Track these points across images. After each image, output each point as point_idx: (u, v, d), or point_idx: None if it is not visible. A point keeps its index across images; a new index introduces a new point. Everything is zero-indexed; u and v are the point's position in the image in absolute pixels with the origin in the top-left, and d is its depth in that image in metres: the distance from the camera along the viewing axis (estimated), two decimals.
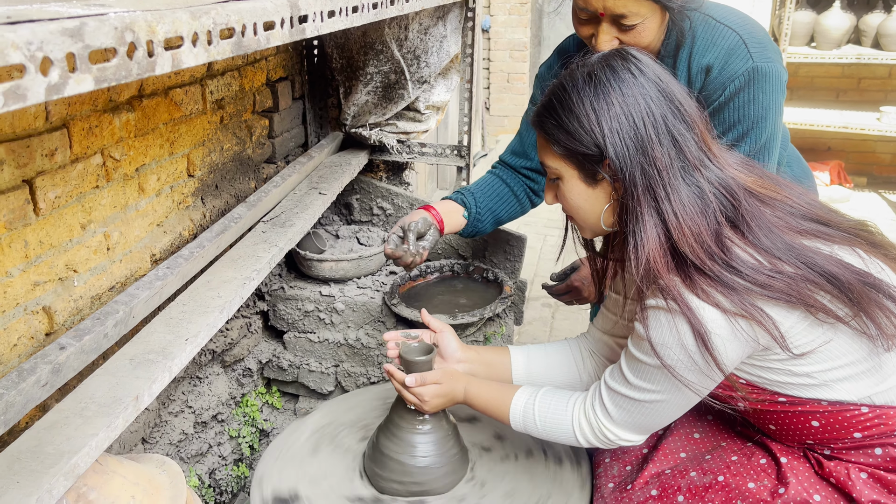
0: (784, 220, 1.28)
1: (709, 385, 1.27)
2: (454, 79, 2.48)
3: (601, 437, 1.37)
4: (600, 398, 1.37)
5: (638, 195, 1.23)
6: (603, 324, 1.62)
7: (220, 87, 1.94)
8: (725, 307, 1.18)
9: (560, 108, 1.29)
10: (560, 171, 1.34)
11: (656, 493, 1.43)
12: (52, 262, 1.41)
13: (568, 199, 1.36)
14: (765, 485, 1.35)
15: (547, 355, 1.64)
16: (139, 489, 1.25)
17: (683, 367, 1.22)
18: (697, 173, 1.25)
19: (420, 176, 3.97)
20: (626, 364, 1.32)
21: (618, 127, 1.23)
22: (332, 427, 1.70)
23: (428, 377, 1.48)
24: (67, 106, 1.40)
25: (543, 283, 2.08)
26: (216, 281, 1.55)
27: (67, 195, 1.42)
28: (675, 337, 1.21)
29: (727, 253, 1.21)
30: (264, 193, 1.95)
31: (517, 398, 1.45)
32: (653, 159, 1.22)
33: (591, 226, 1.38)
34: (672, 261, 1.23)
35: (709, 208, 1.23)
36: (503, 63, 6.53)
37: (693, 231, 1.22)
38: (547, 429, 1.42)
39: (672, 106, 1.25)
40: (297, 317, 2.35)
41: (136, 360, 1.27)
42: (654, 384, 1.29)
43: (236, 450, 2.21)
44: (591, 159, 1.28)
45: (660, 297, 1.22)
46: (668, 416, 1.33)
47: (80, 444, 1.05)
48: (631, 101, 1.24)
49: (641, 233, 1.23)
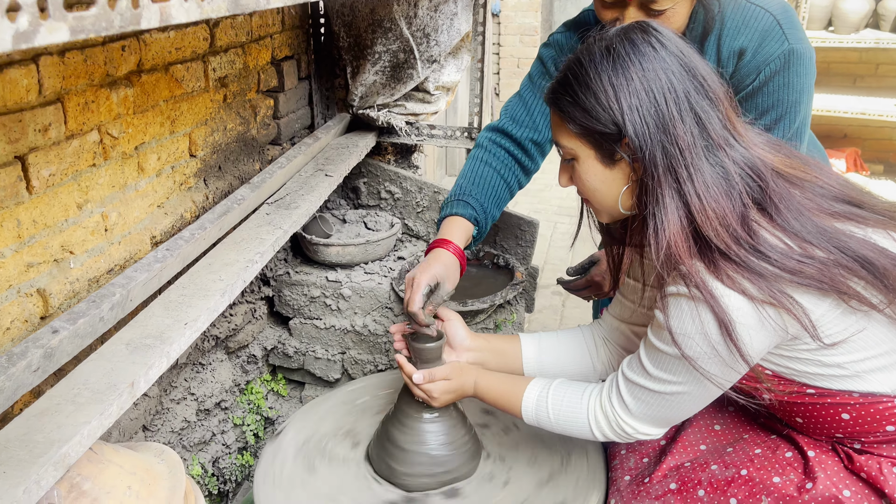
0: (814, 202, 1.21)
1: (732, 377, 1.21)
2: (465, 58, 2.41)
3: (618, 430, 1.31)
4: (617, 390, 1.30)
5: (658, 176, 1.16)
6: (618, 311, 1.56)
7: (222, 64, 1.87)
8: (752, 294, 1.11)
9: (576, 83, 1.22)
10: (576, 150, 1.27)
11: (675, 486, 1.37)
12: (46, 242, 1.35)
13: (584, 180, 1.29)
14: (791, 479, 1.29)
15: (559, 343, 1.58)
16: (136, 479, 1.20)
17: (706, 357, 1.16)
18: (722, 153, 1.18)
19: (429, 161, 3.90)
20: (646, 354, 1.26)
21: (637, 103, 1.16)
22: (315, 440, 1.58)
23: (437, 373, 1.42)
24: (62, 79, 1.34)
25: (559, 279, 1.98)
26: (218, 264, 1.50)
27: (62, 173, 1.37)
28: (697, 326, 1.14)
29: (754, 237, 1.15)
30: (268, 175, 1.89)
31: (529, 391, 1.39)
32: (674, 138, 1.15)
33: (608, 209, 1.31)
34: (694, 245, 1.16)
35: (734, 190, 1.16)
36: (513, 48, 6.43)
37: (718, 214, 1.15)
38: (561, 422, 1.36)
39: (695, 81, 1.18)
40: (302, 303, 2.29)
41: (132, 345, 1.21)
42: (675, 375, 1.22)
43: (240, 438, 2.17)
44: (608, 138, 1.21)
45: (681, 283, 1.15)
46: (690, 409, 1.27)
47: (71, 433, 1.00)
48: (651, 76, 1.16)
49: (662, 216, 1.16)
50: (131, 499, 1.17)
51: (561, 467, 1.49)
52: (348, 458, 1.55)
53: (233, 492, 2.10)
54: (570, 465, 1.50)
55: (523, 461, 1.50)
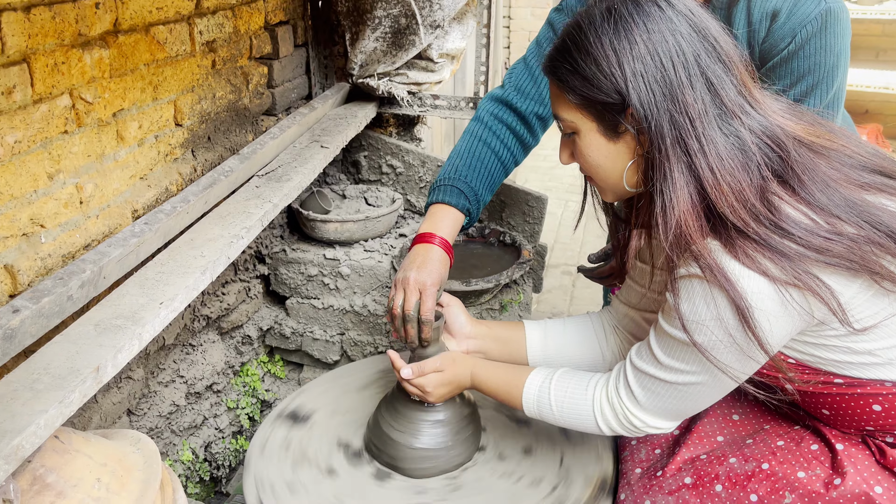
0: (842, 173, 1.10)
1: (750, 368, 1.11)
2: (470, 24, 2.28)
3: (626, 423, 1.22)
4: (625, 380, 1.21)
5: (666, 149, 1.06)
6: (628, 296, 1.45)
7: (210, 27, 1.76)
8: (775, 275, 1.01)
9: (575, 50, 1.11)
10: (576, 123, 1.16)
11: (690, 481, 1.28)
12: (13, 215, 1.26)
13: (586, 156, 1.18)
14: (817, 474, 1.19)
15: (566, 330, 1.48)
16: (106, 470, 1.11)
17: (720, 345, 1.06)
18: (737, 121, 1.07)
19: (435, 135, 3.77)
20: (656, 341, 1.16)
21: (642, 69, 1.06)
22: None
23: (426, 366, 1.34)
24: (27, 38, 1.23)
25: (580, 266, 1.86)
26: (200, 239, 1.40)
27: (30, 140, 1.26)
28: (711, 311, 1.05)
29: (775, 212, 1.04)
30: (259, 145, 1.78)
31: (531, 381, 1.29)
32: (684, 106, 1.05)
33: (612, 186, 1.21)
34: (707, 224, 1.06)
35: (751, 161, 1.06)
36: (524, 21, 6.26)
37: (733, 188, 1.04)
38: (564, 415, 1.26)
39: (706, 43, 1.07)
40: (299, 281, 2.20)
41: (101, 326, 1.12)
42: (688, 364, 1.12)
43: (234, 422, 2.08)
44: (611, 108, 1.10)
45: (694, 264, 1.05)
46: (705, 401, 1.18)
47: (25, 423, 0.91)
48: (658, 39, 1.06)
49: (670, 192, 1.06)
50: (100, 492, 1.08)
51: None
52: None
53: (226, 477, 2.03)
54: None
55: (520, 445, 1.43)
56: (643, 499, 1.30)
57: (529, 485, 1.35)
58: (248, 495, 1.29)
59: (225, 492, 2.02)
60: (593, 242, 3.88)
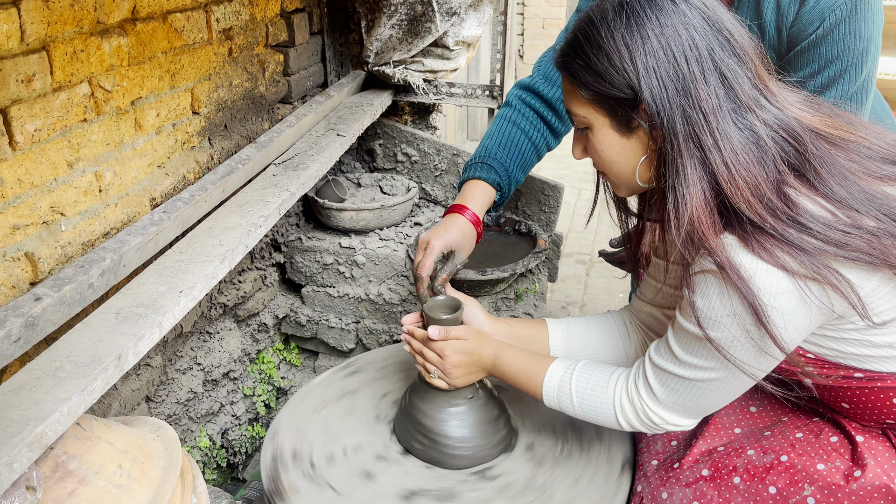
0: (861, 165, 1.09)
1: (767, 364, 1.10)
2: (486, 11, 2.26)
3: (645, 420, 1.21)
4: (644, 376, 1.20)
5: (678, 144, 1.05)
6: (647, 293, 1.44)
7: (227, 14, 1.75)
8: (794, 269, 1.00)
9: (587, 45, 1.10)
10: (589, 119, 1.15)
11: (708, 473, 1.27)
12: (34, 203, 1.26)
13: (599, 151, 1.17)
14: (837, 466, 1.19)
15: (589, 328, 1.47)
16: (128, 457, 1.12)
17: (736, 342, 1.06)
18: (751, 115, 1.06)
19: (449, 123, 3.75)
20: (674, 337, 1.15)
21: (654, 64, 1.05)
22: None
23: (452, 331, 1.31)
24: (47, 26, 1.23)
25: (601, 251, 1.86)
26: (218, 228, 1.40)
27: (50, 128, 1.27)
28: (727, 307, 1.04)
29: (793, 207, 1.03)
30: (276, 134, 1.78)
31: (552, 371, 1.29)
32: (697, 101, 1.04)
33: (625, 182, 1.20)
34: (720, 220, 1.05)
35: (767, 155, 1.05)
36: (538, 8, 6.21)
37: (749, 183, 1.03)
38: (584, 408, 1.25)
39: (720, 37, 1.06)
40: (315, 269, 2.20)
41: (122, 314, 1.12)
42: (706, 360, 1.12)
43: (251, 409, 2.10)
44: (624, 104, 1.09)
45: (708, 259, 1.03)
46: (723, 398, 1.17)
47: (49, 410, 0.91)
48: (670, 33, 1.05)
49: (683, 188, 1.05)
50: (122, 479, 1.09)
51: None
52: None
53: (242, 464, 2.04)
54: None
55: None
56: (660, 491, 1.29)
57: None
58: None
59: (241, 478, 2.03)
60: (607, 232, 3.86)
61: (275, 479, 1.30)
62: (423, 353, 1.35)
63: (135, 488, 1.08)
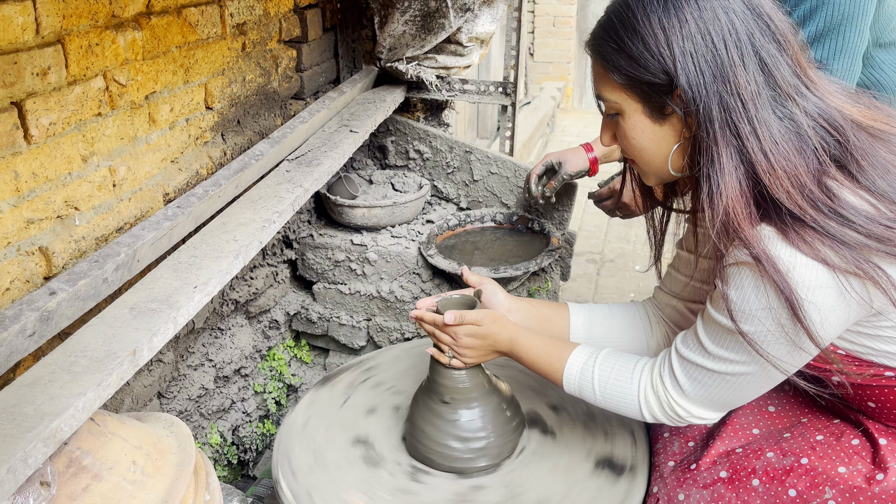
0: None
1: (801, 359, 1.08)
2: (500, 7, 2.24)
3: (670, 412, 1.19)
4: (670, 368, 1.18)
5: (714, 132, 1.03)
6: (671, 285, 1.42)
7: (241, 9, 1.74)
8: (834, 263, 0.97)
9: (621, 27, 1.07)
10: (621, 104, 1.13)
11: (726, 475, 1.25)
12: (48, 197, 1.25)
13: (630, 138, 1.15)
14: (858, 469, 1.17)
15: (612, 316, 1.44)
16: (141, 453, 1.11)
17: (770, 336, 1.03)
18: (791, 103, 1.03)
19: (460, 120, 3.74)
20: (704, 329, 1.12)
21: (692, 48, 1.02)
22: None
23: (467, 315, 1.29)
24: (62, 18, 1.22)
25: (590, 192, 2.02)
26: (232, 223, 1.39)
27: (64, 122, 1.26)
28: (762, 300, 1.01)
29: (834, 199, 1.00)
30: (289, 129, 1.77)
31: (574, 357, 1.26)
32: (735, 87, 1.01)
33: (656, 170, 1.17)
34: (756, 211, 1.02)
35: (807, 146, 1.02)
36: (549, 5, 6.18)
37: (789, 173, 1.00)
38: (606, 397, 1.23)
39: (760, 21, 1.03)
40: (326, 266, 2.19)
41: (136, 309, 1.11)
42: (736, 353, 1.09)
43: (261, 406, 2.09)
44: (658, 89, 1.07)
45: (743, 250, 1.01)
46: (753, 392, 1.14)
47: (64, 405, 0.91)
48: (709, 17, 1.02)
49: (718, 177, 1.03)
50: (136, 475, 1.08)
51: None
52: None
53: (253, 461, 2.03)
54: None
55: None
56: (676, 492, 1.27)
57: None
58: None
59: (252, 475, 2.03)
60: (617, 231, 3.84)
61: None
62: (435, 334, 1.33)
63: (148, 484, 1.07)
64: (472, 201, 2.41)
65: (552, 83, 6.26)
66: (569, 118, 6.24)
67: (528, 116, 5.09)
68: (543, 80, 6.35)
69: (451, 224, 2.23)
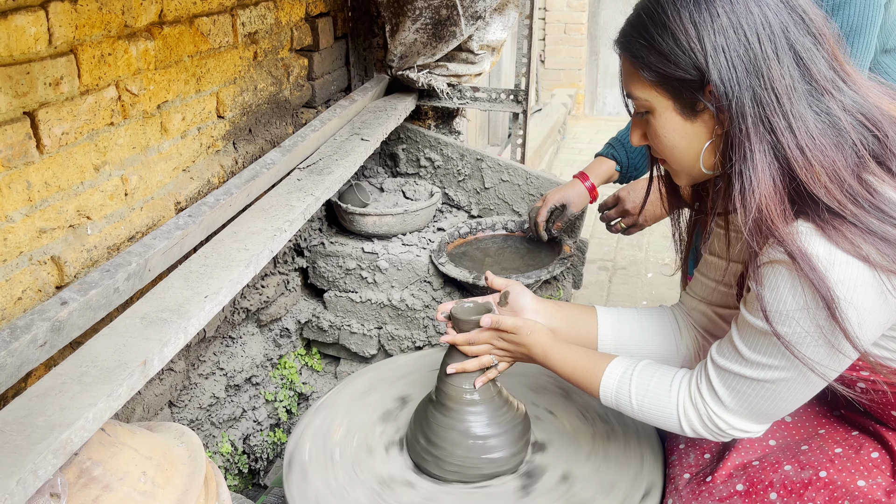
0: None
1: (840, 363, 1.03)
2: (512, 15, 2.24)
3: (711, 426, 1.15)
4: (707, 379, 1.13)
5: (747, 128, 1.00)
6: (699, 290, 1.38)
7: (252, 18, 1.75)
8: (876, 261, 0.94)
9: (651, 23, 1.05)
10: (651, 102, 1.10)
11: (743, 488, 1.22)
12: (60, 206, 1.26)
13: (660, 136, 1.12)
14: (878, 483, 1.14)
15: (640, 320, 1.41)
16: (152, 464, 1.11)
17: (807, 338, 0.99)
18: (828, 98, 1.00)
19: (471, 128, 3.73)
20: (739, 335, 1.09)
21: (724, 43, 0.99)
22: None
23: (503, 322, 1.27)
24: (75, 29, 1.23)
25: (600, 206, 2.02)
26: (243, 232, 1.39)
27: (76, 132, 1.26)
28: (798, 300, 0.98)
29: (875, 194, 0.97)
30: (301, 138, 1.76)
31: (612, 369, 1.22)
32: (770, 81, 0.98)
33: (687, 169, 1.14)
34: (791, 208, 0.99)
35: (845, 141, 0.99)
36: (560, 12, 6.17)
37: (826, 168, 0.97)
38: (644, 410, 1.19)
39: (794, 14, 1.00)
40: (337, 275, 2.19)
41: (147, 319, 1.11)
42: (773, 358, 1.05)
43: (272, 414, 2.08)
44: (689, 86, 1.04)
45: (778, 248, 0.98)
46: (793, 401, 1.09)
47: (74, 416, 0.90)
48: (741, 11, 1.00)
49: (751, 174, 0.99)
50: (146, 486, 1.07)
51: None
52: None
53: (264, 470, 2.03)
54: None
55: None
56: None
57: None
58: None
59: (263, 484, 2.02)
60: (629, 237, 3.82)
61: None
62: (469, 340, 1.33)
63: (159, 495, 1.06)
64: (483, 209, 2.40)
65: (563, 90, 6.25)
66: (580, 125, 6.23)
67: (539, 123, 5.08)
68: (555, 88, 6.34)
69: (462, 232, 2.22)
